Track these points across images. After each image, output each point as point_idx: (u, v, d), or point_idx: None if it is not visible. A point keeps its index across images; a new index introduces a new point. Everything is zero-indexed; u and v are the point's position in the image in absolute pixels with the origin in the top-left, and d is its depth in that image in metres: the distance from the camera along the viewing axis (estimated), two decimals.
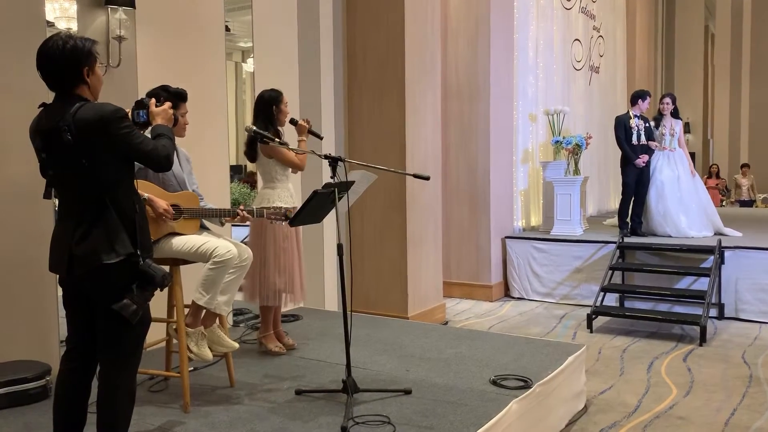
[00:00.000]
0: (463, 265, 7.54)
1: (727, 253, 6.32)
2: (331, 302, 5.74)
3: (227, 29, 5.87)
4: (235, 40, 6.89)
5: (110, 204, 2.27)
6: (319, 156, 3.23)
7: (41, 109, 2.35)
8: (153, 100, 2.60)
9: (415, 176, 3.16)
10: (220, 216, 3.26)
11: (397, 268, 5.96)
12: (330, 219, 4.58)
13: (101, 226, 2.26)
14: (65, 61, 2.26)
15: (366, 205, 6.04)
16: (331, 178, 3.16)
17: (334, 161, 3.16)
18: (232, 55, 5.67)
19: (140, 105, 2.60)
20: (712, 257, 6.26)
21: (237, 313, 4.95)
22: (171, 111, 2.61)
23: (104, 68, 2.39)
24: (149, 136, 2.46)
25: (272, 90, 3.97)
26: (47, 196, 2.42)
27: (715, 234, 7.14)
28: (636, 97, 7.22)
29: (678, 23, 16.92)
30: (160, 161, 2.36)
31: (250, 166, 6.68)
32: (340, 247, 3.15)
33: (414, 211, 5.97)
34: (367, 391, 3.27)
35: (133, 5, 3.98)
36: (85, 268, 2.26)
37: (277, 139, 3.38)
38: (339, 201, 3.18)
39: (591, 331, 5.95)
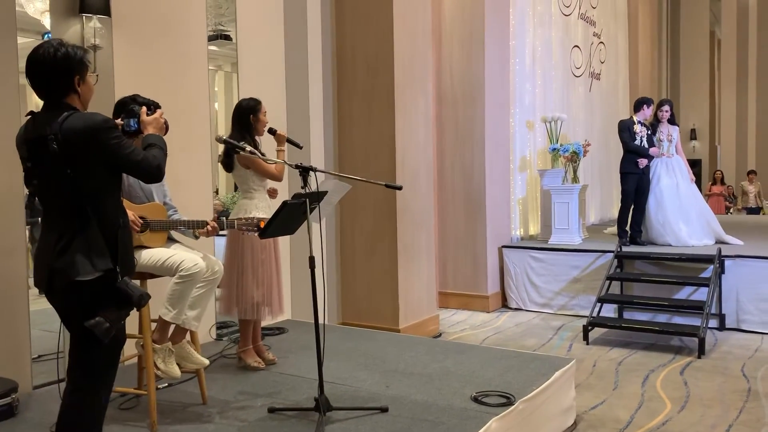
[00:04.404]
0: (459, 275, 7.42)
1: (727, 263, 6.17)
2: (319, 315, 5.61)
3: (228, 38, 5.81)
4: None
5: (93, 216, 2.20)
6: (290, 166, 3.13)
7: (29, 117, 2.29)
8: (144, 109, 2.54)
9: (387, 186, 3.06)
10: (187, 227, 3.16)
11: (389, 278, 5.84)
12: (317, 230, 4.47)
13: (82, 239, 2.18)
14: (56, 69, 2.21)
15: (357, 215, 5.94)
16: (302, 188, 3.06)
17: (304, 171, 3.06)
18: (236, 65, 5.61)
19: (131, 113, 2.54)
20: (711, 267, 6.11)
21: (221, 326, 4.85)
22: (163, 120, 2.54)
23: (95, 77, 2.30)
24: (140, 145, 2.40)
25: (250, 99, 3.89)
26: (29, 206, 2.36)
27: (716, 242, 6.98)
28: (641, 103, 7.12)
29: (683, 29, 16.77)
30: (150, 172, 2.28)
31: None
32: (311, 260, 3.05)
33: (405, 221, 5.86)
34: (341, 409, 3.16)
35: (108, 13, 3.91)
36: (64, 282, 2.17)
37: (248, 148, 3.29)
38: (311, 212, 3.07)
39: (587, 343, 5.80)
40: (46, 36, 4.23)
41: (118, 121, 2.63)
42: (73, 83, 2.25)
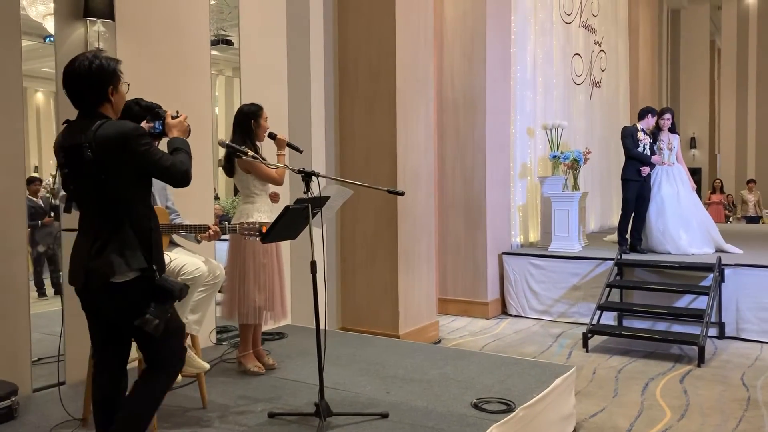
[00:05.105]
0: (459, 281, 7.42)
1: (727, 271, 6.17)
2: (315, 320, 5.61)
3: (231, 44, 5.82)
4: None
5: (127, 219, 2.32)
6: (293, 170, 3.14)
7: (65, 126, 2.39)
8: (169, 112, 2.61)
9: (390, 192, 3.06)
10: (189, 232, 3.17)
11: (389, 284, 5.84)
12: (318, 234, 4.47)
13: (117, 241, 2.30)
14: (91, 81, 2.31)
15: (357, 220, 5.94)
16: (304, 193, 3.06)
17: (307, 176, 3.07)
18: (239, 70, 5.63)
19: (156, 116, 2.57)
20: (711, 275, 6.11)
21: (221, 330, 4.85)
22: (187, 123, 2.61)
23: (127, 86, 2.37)
24: (165, 148, 2.47)
25: (252, 104, 3.90)
26: (68, 210, 2.50)
27: (716, 251, 6.99)
28: (646, 112, 7.16)
29: (683, 38, 16.82)
30: (178, 177, 2.36)
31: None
32: (313, 264, 3.05)
33: (406, 227, 5.86)
34: (342, 414, 3.15)
35: (112, 18, 3.92)
36: (100, 282, 2.29)
37: (250, 153, 3.29)
38: (313, 217, 3.08)
39: (587, 351, 5.80)
40: (48, 40, 4.25)
41: (144, 124, 2.67)
42: (107, 93, 2.35)
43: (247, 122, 3.82)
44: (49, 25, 4.19)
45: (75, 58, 2.35)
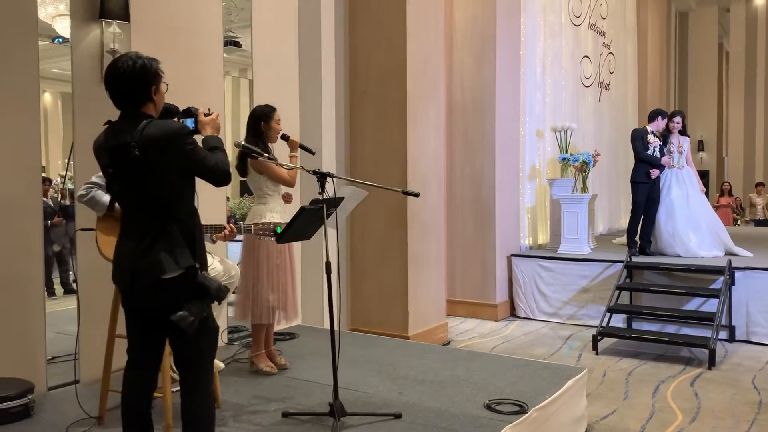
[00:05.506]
0: (467, 283, 7.42)
1: (737, 274, 6.16)
2: (329, 320, 5.63)
3: (239, 45, 5.86)
4: (248, 56, 6.94)
5: (173, 218, 2.34)
6: (308, 171, 3.16)
7: (106, 126, 2.41)
8: (202, 110, 2.61)
9: (405, 193, 3.07)
10: (205, 231, 3.18)
11: (398, 286, 5.85)
12: (332, 235, 4.50)
13: (164, 239, 2.31)
14: (135, 81, 2.34)
15: (367, 222, 5.96)
16: (319, 194, 3.08)
17: (322, 177, 3.08)
18: (247, 71, 5.66)
19: (188, 114, 2.58)
20: (721, 278, 6.09)
21: (232, 330, 4.87)
22: (218, 120, 2.61)
23: (166, 86, 2.39)
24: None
25: (265, 106, 3.92)
26: (110, 209, 2.52)
27: (725, 254, 6.97)
28: (656, 114, 7.15)
29: (691, 40, 16.78)
30: (221, 176, 2.39)
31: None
32: (327, 265, 3.07)
33: (415, 229, 5.87)
34: (355, 414, 3.17)
35: (127, 19, 3.95)
36: (149, 281, 2.31)
37: (265, 154, 3.31)
38: (328, 218, 3.09)
39: (597, 353, 5.80)
40: (56, 41, 4.28)
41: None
42: (150, 93, 2.38)
43: (257, 124, 3.84)
44: (58, 27, 4.23)
45: (118, 59, 2.38)
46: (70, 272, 4.91)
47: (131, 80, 2.33)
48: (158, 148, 2.26)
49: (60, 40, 4.30)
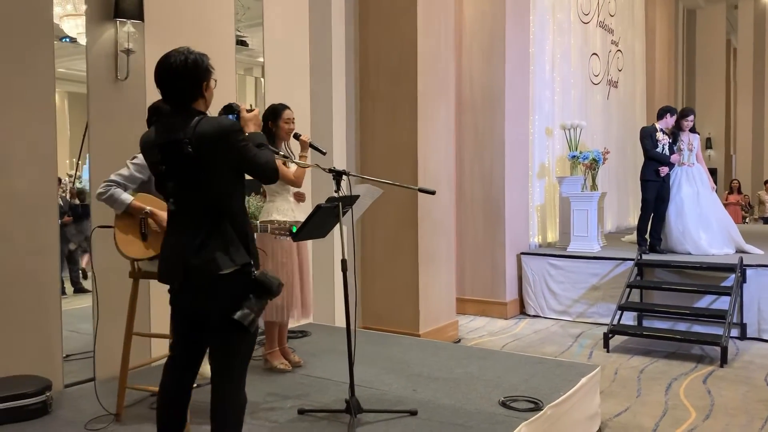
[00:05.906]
0: (477, 281, 7.43)
1: (749, 272, 6.14)
2: (341, 318, 5.65)
3: (246, 44, 5.87)
4: (254, 55, 6.96)
5: (226, 215, 2.30)
6: (324, 170, 3.17)
7: (156, 122, 2.39)
8: (244, 105, 2.58)
9: (421, 190, 3.08)
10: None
11: (409, 284, 5.87)
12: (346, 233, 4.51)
13: (218, 236, 2.28)
14: (188, 76, 2.30)
15: (377, 220, 5.97)
16: (335, 192, 3.09)
17: (338, 175, 3.09)
18: (252, 70, 5.66)
19: (229, 110, 2.56)
20: (733, 275, 6.08)
21: None
22: (260, 117, 2.59)
23: (214, 82, 2.36)
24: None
25: (278, 104, 3.92)
26: (165, 201, 2.47)
27: (736, 251, 6.96)
28: (665, 112, 7.12)
29: (699, 38, 16.71)
30: (270, 173, 2.37)
31: None
32: (344, 262, 3.08)
33: (426, 227, 5.88)
34: (371, 411, 3.18)
35: (141, 18, 3.97)
36: (203, 278, 2.27)
37: (281, 152, 3.32)
38: (343, 215, 3.11)
39: (608, 351, 5.79)
40: (64, 40, 4.30)
41: None
42: (202, 89, 2.34)
43: (265, 122, 3.83)
44: (66, 26, 4.24)
45: (168, 55, 2.32)
46: (83, 271, 4.94)
47: (183, 76, 2.29)
48: (211, 145, 2.24)
49: (67, 39, 4.31)
